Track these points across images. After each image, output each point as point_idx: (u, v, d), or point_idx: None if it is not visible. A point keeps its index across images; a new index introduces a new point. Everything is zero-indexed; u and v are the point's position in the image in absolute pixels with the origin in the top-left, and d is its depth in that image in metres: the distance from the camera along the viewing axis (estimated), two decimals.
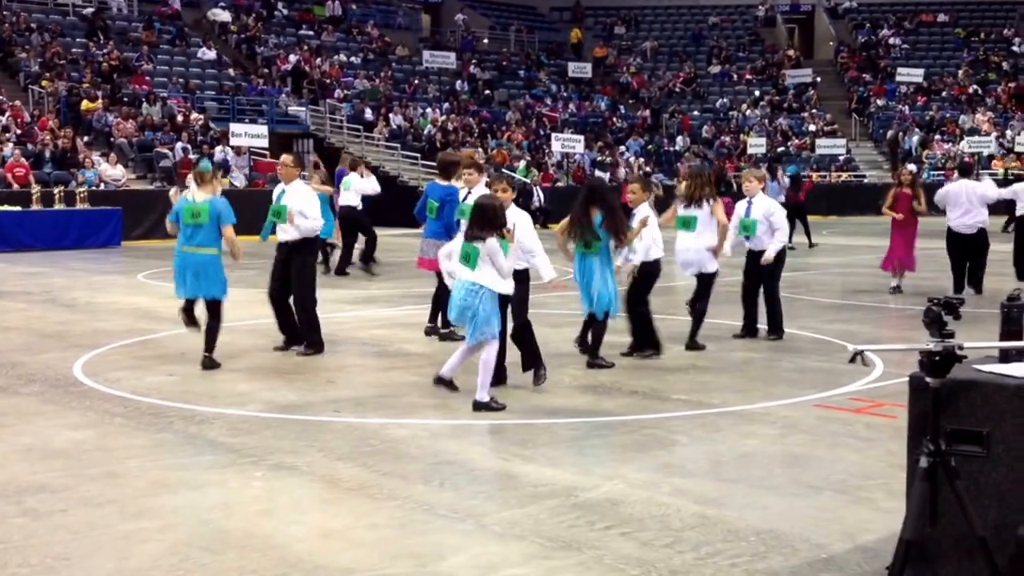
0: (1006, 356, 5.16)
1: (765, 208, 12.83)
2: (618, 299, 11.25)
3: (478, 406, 9.12)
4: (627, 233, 11.06)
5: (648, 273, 11.67)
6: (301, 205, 11.75)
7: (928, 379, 4.67)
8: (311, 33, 47.39)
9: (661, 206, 13.84)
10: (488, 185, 11.07)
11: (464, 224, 12.97)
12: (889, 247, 17.56)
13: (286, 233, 11.84)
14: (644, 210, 11.55)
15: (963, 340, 4.59)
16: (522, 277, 10.12)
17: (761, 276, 12.88)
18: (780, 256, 12.92)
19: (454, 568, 5.66)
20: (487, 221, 9.18)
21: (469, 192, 13.31)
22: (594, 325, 11.24)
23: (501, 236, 9.23)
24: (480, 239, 9.15)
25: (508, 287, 9.39)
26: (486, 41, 55.26)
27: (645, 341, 11.77)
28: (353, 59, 46.85)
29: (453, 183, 12.83)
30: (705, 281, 12.44)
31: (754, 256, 12.92)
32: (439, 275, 11.82)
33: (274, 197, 12.10)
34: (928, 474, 4.67)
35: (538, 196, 36.03)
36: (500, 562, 5.72)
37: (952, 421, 4.89)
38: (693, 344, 12.25)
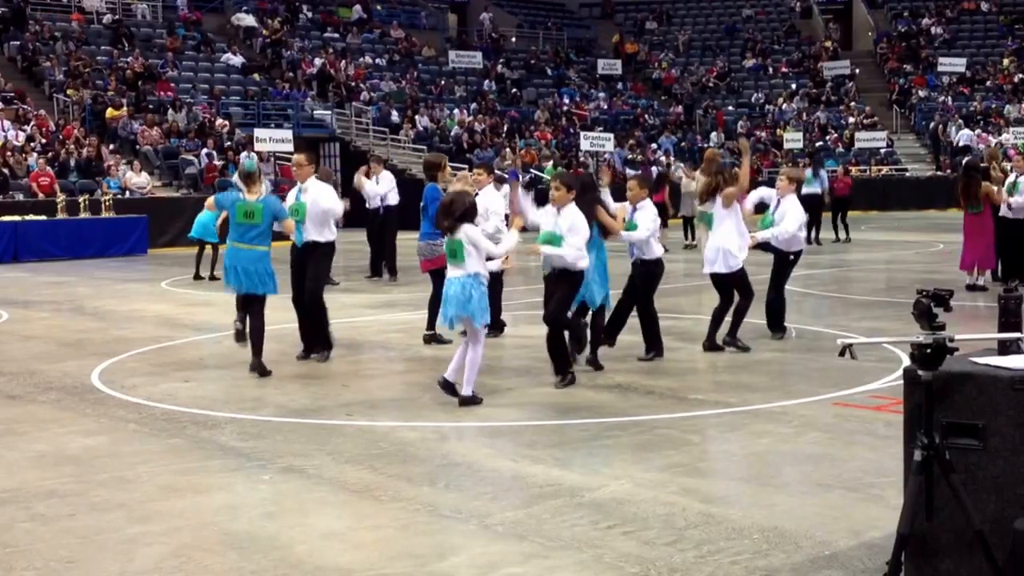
0: (1004, 348, 5.12)
1: (785, 207, 12.62)
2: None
3: (465, 401, 9.38)
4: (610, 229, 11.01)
5: (652, 272, 11.56)
6: (321, 200, 11.73)
7: (920, 372, 4.63)
8: (336, 36, 47.45)
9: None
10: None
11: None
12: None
13: (307, 233, 11.72)
14: (647, 207, 11.44)
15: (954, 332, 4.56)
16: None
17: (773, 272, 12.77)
18: (788, 254, 12.77)
19: (453, 568, 5.66)
20: (455, 213, 9.36)
21: (476, 194, 13.24)
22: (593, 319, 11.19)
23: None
24: (454, 230, 9.33)
25: (495, 266, 9.75)
26: (514, 40, 55.14)
27: (652, 343, 11.68)
28: (379, 61, 46.90)
29: (438, 184, 12.93)
30: (732, 282, 12.14)
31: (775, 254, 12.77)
32: (435, 279, 11.97)
33: (291, 198, 11.97)
34: (922, 468, 4.64)
35: None
36: (499, 561, 5.72)
37: (948, 414, 4.85)
38: (733, 341, 12.08)
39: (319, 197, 11.77)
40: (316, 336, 11.89)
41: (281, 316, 12.60)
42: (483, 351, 9.57)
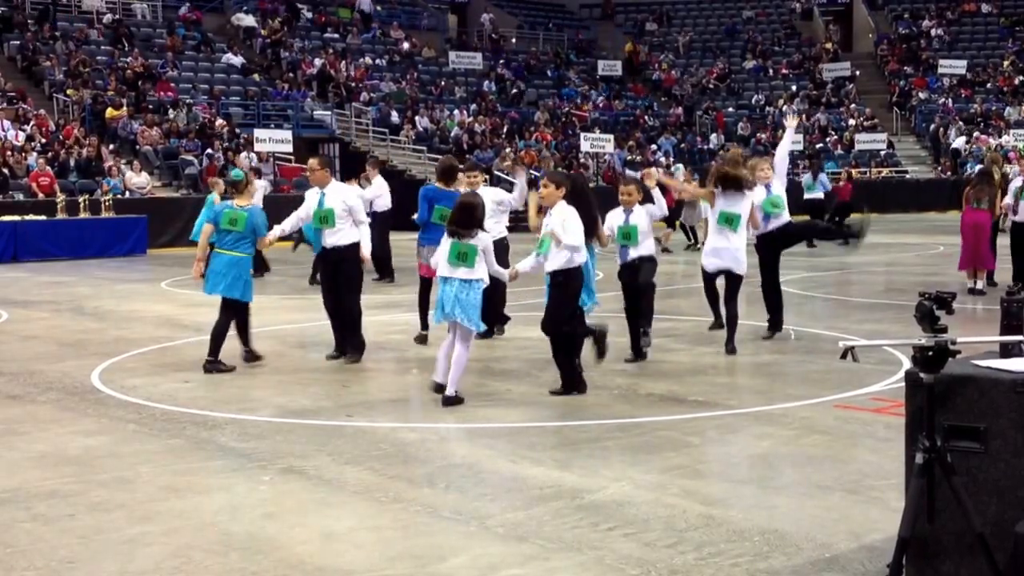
0: (1006, 351, 5.12)
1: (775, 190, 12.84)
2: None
3: (448, 401, 9.39)
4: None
5: (655, 264, 11.64)
6: (350, 205, 11.73)
7: (922, 374, 4.63)
8: (336, 36, 47.41)
9: None
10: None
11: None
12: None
13: (334, 237, 11.66)
14: (640, 211, 11.41)
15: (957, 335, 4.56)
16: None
17: (772, 265, 12.81)
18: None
19: (453, 569, 5.66)
20: (473, 219, 9.52)
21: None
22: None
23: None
24: (472, 236, 9.46)
25: (487, 280, 9.76)
26: (514, 40, 55.10)
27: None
28: (379, 61, 46.86)
29: (455, 188, 12.74)
30: (737, 283, 12.19)
31: (767, 245, 12.79)
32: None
33: (312, 202, 11.73)
34: (924, 470, 4.64)
35: None
36: (500, 563, 5.72)
37: (950, 417, 4.85)
38: (731, 348, 11.96)
39: (345, 195, 11.80)
40: (347, 340, 11.92)
41: (281, 317, 12.63)
42: (469, 349, 9.64)
